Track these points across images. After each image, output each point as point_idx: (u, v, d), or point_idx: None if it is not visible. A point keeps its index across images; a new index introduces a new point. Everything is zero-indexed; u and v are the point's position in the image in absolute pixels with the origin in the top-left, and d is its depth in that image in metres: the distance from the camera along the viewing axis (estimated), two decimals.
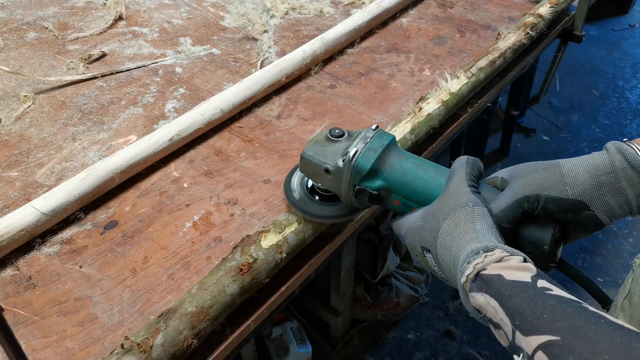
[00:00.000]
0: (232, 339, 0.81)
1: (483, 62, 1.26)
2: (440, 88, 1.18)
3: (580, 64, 3.20)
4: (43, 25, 1.50)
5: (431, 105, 1.14)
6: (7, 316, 0.82)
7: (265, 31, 1.49)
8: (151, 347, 0.70)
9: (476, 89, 1.25)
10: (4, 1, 1.61)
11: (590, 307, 0.48)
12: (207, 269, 0.88)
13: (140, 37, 1.47)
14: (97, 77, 1.31)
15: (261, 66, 1.35)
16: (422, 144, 1.13)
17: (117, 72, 1.33)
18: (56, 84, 1.29)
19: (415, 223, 0.68)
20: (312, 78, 1.33)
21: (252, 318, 0.83)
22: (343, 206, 0.86)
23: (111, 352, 0.71)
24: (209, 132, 1.15)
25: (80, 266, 0.89)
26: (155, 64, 1.37)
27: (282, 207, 0.99)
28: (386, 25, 1.54)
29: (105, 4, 1.59)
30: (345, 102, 1.25)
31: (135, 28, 1.51)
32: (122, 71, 1.34)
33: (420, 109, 1.13)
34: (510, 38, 1.35)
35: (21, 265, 0.89)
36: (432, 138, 1.16)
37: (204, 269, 0.89)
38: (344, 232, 0.96)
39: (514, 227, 0.64)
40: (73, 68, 1.34)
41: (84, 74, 1.31)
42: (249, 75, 1.24)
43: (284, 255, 0.84)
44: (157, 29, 1.50)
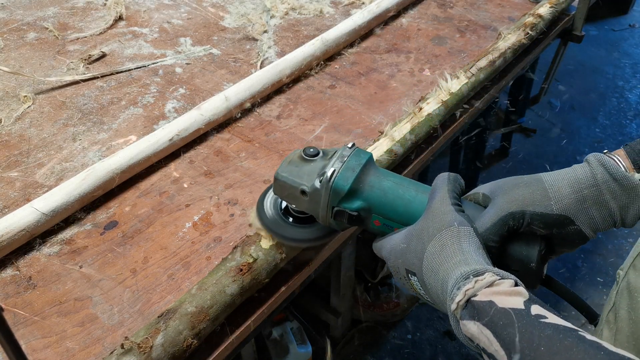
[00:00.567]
0: (232, 339, 0.81)
1: (483, 62, 1.26)
2: (440, 88, 1.18)
3: (580, 64, 3.20)
4: (43, 25, 1.50)
5: (431, 105, 1.14)
6: (7, 316, 0.81)
7: (265, 31, 1.49)
8: (151, 347, 0.70)
9: (476, 89, 1.25)
10: (4, 1, 1.61)
11: (587, 336, 0.46)
12: (207, 269, 0.88)
13: (140, 37, 1.47)
14: (97, 77, 1.31)
15: (261, 66, 1.35)
16: (422, 144, 1.13)
17: (117, 73, 1.33)
18: (56, 84, 1.29)
19: (398, 244, 0.65)
20: (312, 78, 1.33)
21: (252, 318, 0.83)
22: (320, 228, 0.80)
23: (111, 352, 0.71)
24: (209, 132, 1.15)
25: (80, 266, 0.89)
26: (155, 64, 1.37)
27: None
28: (386, 25, 1.54)
29: (105, 4, 1.59)
30: (345, 102, 1.25)
31: (135, 28, 1.51)
32: (122, 71, 1.34)
33: (420, 109, 1.13)
34: (510, 38, 1.35)
35: (21, 265, 0.89)
36: (432, 138, 1.16)
37: (204, 269, 0.89)
38: (344, 233, 0.96)
39: (500, 245, 0.63)
40: (73, 68, 1.34)
41: (84, 74, 1.31)
42: (249, 75, 1.24)
43: (284, 255, 0.84)
44: (157, 29, 1.50)
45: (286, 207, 0.82)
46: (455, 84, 1.20)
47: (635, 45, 3.39)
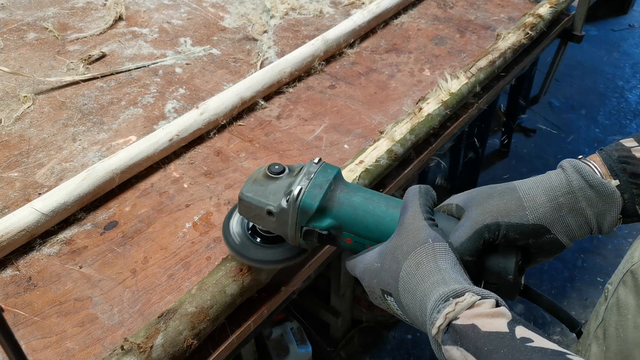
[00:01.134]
0: (232, 339, 0.81)
1: (483, 62, 1.26)
2: (440, 88, 1.18)
3: (580, 64, 3.20)
4: (43, 25, 1.50)
5: (431, 106, 1.14)
6: (7, 316, 0.82)
7: (265, 31, 1.49)
8: (151, 347, 0.70)
9: (476, 89, 1.25)
10: (4, 2, 1.61)
11: (575, 358, 0.45)
12: (207, 269, 0.88)
13: (140, 37, 1.47)
14: (97, 77, 1.31)
15: (261, 66, 1.35)
16: (422, 144, 1.13)
17: (117, 73, 1.33)
18: (56, 85, 1.29)
19: (371, 264, 0.62)
20: (312, 78, 1.33)
21: (252, 318, 0.83)
22: (289, 247, 0.76)
23: (111, 353, 0.71)
24: (209, 132, 1.15)
25: (80, 266, 0.89)
26: (155, 65, 1.37)
27: None
28: (386, 26, 1.54)
29: (105, 4, 1.59)
30: (345, 103, 1.25)
31: (135, 28, 1.51)
32: (122, 71, 1.34)
33: (420, 109, 1.13)
34: (510, 38, 1.35)
35: (21, 265, 0.89)
36: (432, 138, 1.16)
37: (204, 269, 0.89)
38: None
39: (476, 258, 0.61)
40: (73, 68, 1.34)
41: (83, 74, 1.31)
42: (249, 75, 1.24)
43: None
44: (157, 30, 1.50)
45: (253, 226, 0.79)
46: (455, 84, 1.20)
47: (635, 45, 3.39)
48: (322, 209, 0.67)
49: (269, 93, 1.26)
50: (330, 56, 1.39)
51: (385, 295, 0.60)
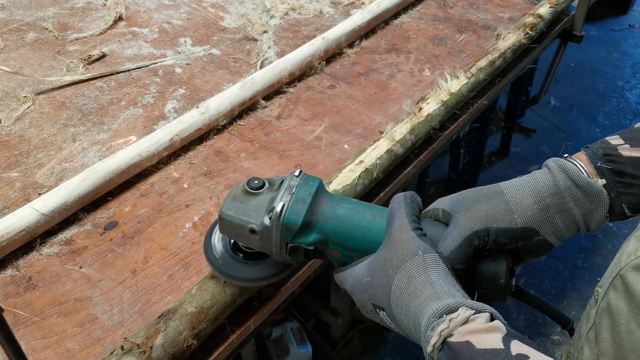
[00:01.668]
0: (232, 339, 0.81)
1: (483, 62, 1.26)
2: (440, 88, 1.18)
3: (580, 64, 3.20)
4: (43, 25, 1.50)
5: (431, 106, 1.14)
6: (7, 317, 0.82)
7: (265, 31, 1.49)
8: (151, 347, 0.70)
9: (476, 89, 1.25)
10: (4, 1, 1.61)
11: None
12: (207, 269, 0.88)
13: (140, 37, 1.47)
14: (97, 77, 1.31)
15: (261, 66, 1.35)
16: (422, 144, 1.13)
17: (117, 73, 1.33)
18: (56, 85, 1.29)
19: (361, 278, 0.61)
20: (312, 78, 1.33)
21: (252, 318, 0.83)
22: (274, 263, 0.74)
23: (111, 353, 0.71)
24: (209, 132, 1.15)
25: (80, 267, 0.89)
26: (155, 65, 1.37)
27: None
28: (386, 26, 1.54)
29: (105, 4, 1.59)
30: (345, 103, 1.25)
31: (135, 28, 1.51)
32: (122, 72, 1.34)
33: (420, 109, 1.13)
34: (510, 38, 1.35)
35: (21, 265, 0.89)
36: (432, 138, 1.16)
37: (204, 269, 0.89)
38: None
39: (467, 265, 0.60)
40: (73, 68, 1.34)
41: (83, 74, 1.31)
42: (249, 75, 1.24)
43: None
44: (157, 30, 1.50)
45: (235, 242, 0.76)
46: (455, 84, 1.20)
47: (635, 45, 3.39)
48: (307, 224, 0.65)
49: (269, 93, 1.26)
50: (330, 56, 1.39)
51: (377, 310, 0.59)
